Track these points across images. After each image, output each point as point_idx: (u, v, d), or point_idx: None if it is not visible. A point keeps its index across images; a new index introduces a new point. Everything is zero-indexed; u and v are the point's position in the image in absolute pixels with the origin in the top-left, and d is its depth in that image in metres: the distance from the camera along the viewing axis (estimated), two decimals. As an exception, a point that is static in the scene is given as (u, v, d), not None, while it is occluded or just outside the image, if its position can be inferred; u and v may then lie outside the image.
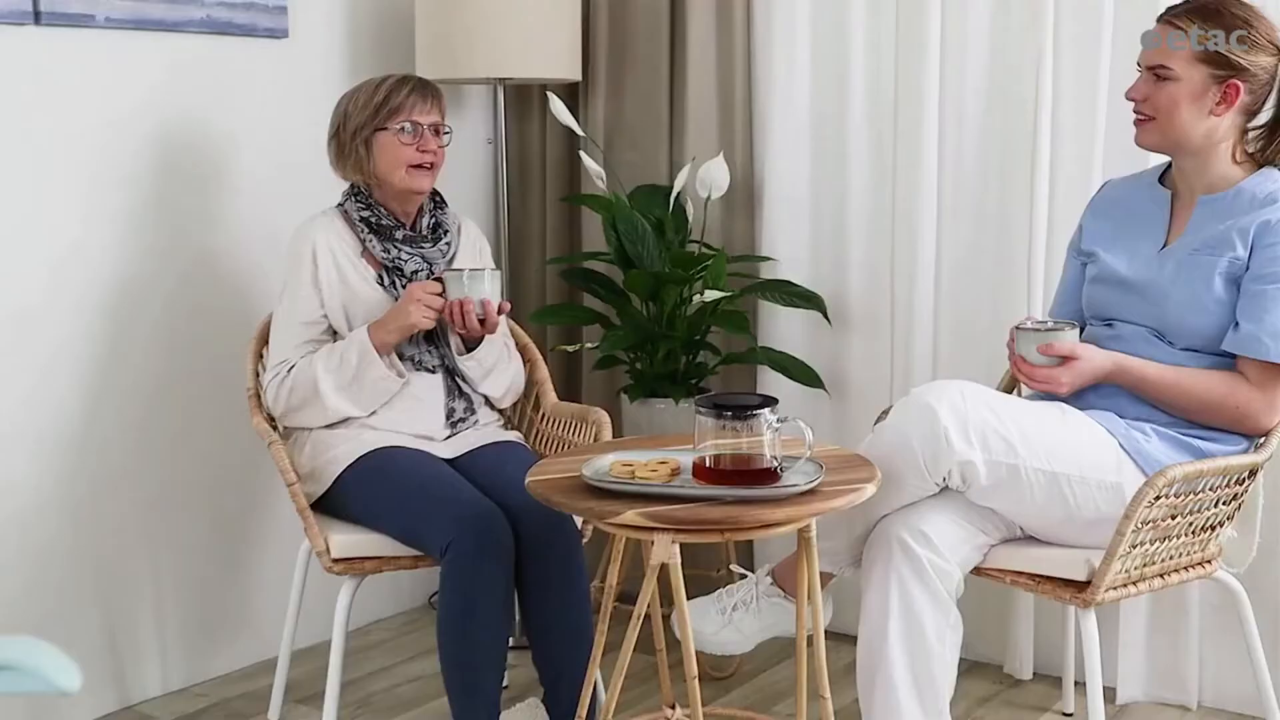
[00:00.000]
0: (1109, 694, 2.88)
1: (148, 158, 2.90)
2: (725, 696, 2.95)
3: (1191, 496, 2.25)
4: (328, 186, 2.97)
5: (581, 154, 3.22)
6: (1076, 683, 2.92)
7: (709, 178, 3.09)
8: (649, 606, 2.02)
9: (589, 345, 3.23)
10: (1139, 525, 2.18)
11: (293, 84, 3.16)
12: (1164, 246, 2.43)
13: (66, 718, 2.80)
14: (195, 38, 2.93)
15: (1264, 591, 2.78)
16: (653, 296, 3.07)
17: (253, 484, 3.16)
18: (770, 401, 1.95)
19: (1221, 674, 2.92)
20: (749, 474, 1.90)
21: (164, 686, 3.02)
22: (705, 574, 3.08)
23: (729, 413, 1.90)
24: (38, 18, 2.63)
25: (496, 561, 2.32)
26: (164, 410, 2.97)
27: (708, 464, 1.93)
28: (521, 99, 3.56)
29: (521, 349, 2.85)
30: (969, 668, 2.98)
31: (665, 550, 1.84)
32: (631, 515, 1.83)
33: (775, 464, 1.93)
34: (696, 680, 1.93)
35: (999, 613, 3.09)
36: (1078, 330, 2.38)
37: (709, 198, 3.13)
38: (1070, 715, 2.91)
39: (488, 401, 2.74)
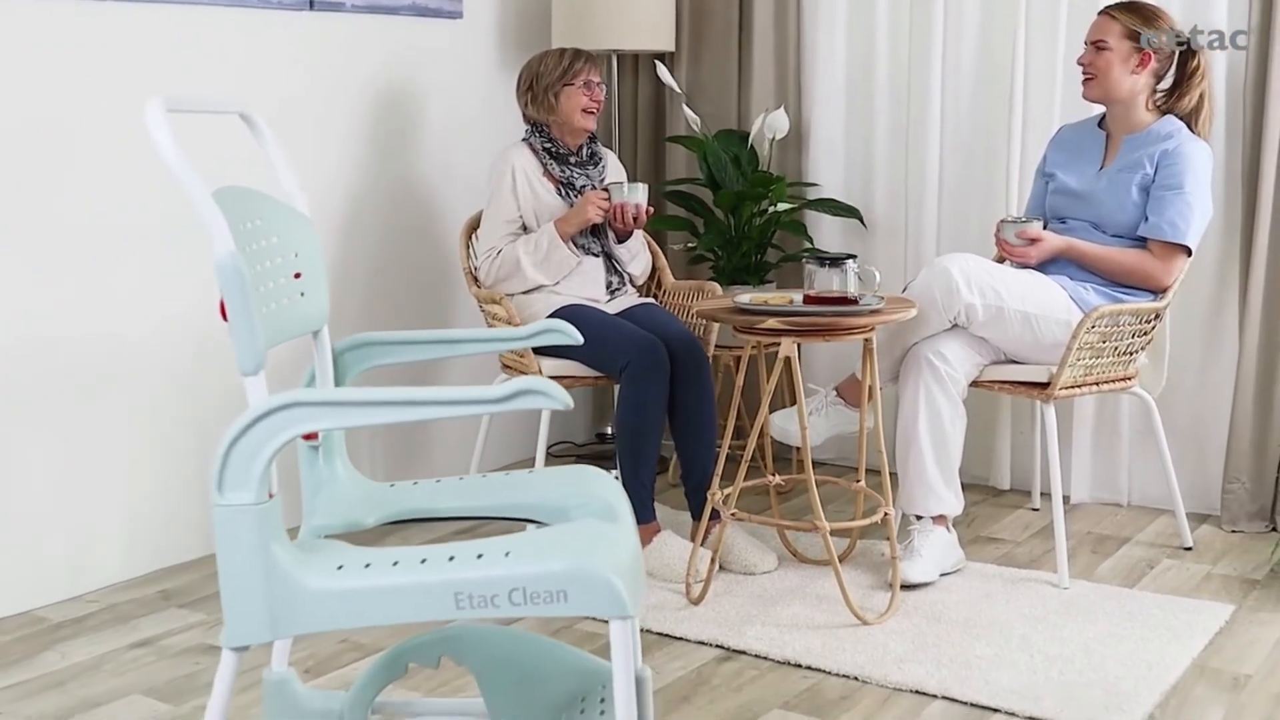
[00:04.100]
0: (1065, 499, 3.68)
1: (372, 110, 3.71)
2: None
3: (1115, 329, 3.16)
4: (490, 133, 3.83)
5: (685, 107, 4.03)
6: (1042, 494, 3.77)
7: (774, 124, 3.92)
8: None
9: (689, 245, 4.06)
10: (1080, 345, 3.10)
11: (464, 54, 3.98)
12: (1101, 169, 3.33)
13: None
14: (404, 18, 3.76)
15: (1172, 415, 3.65)
16: (733, 209, 3.90)
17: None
18: (853, 256, 2.90)
19: (1145, 480, 3.77)
20: (839, 300, 2.86)
21: (373, 497, 3.95)
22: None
23: (827, 261, 2.88)
24: (311, 4, 3.49)
25: (659, 375, 3.17)
26: (380, 285, 3.80)
27: (813, 294, 2.90)
28: (619, 64, 4.30)
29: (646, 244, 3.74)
30: (963, 485, 3.58)
31: (789, 347, 2.83)
32: (773, 322, 2.78)
33: (855, 295, 2.90)
34: (805, 430, 2.96)
35: (985, 442, 3.92)
36: (1042, 223, 3.30)
37: (773, 139, 3.95)
38: (1037, 509, 3.76)
39: (630, 279, 3.64)
